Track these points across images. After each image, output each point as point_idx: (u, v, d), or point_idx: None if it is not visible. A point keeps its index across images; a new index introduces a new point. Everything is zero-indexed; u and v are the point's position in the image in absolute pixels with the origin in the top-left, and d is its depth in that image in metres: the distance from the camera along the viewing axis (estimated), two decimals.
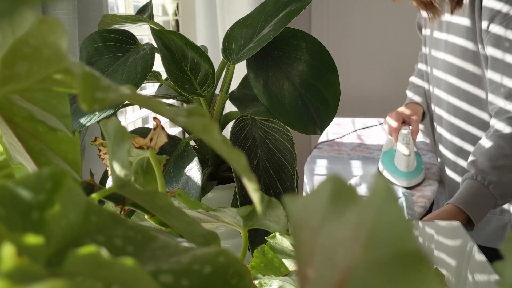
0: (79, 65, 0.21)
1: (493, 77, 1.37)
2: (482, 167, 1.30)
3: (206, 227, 0.32)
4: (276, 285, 0.45)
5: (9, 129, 0.32)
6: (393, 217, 0.15)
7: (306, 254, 0.17)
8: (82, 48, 0.77)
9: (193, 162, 0.73)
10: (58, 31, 0.23)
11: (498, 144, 1.31)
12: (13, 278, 0.14)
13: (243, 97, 0.83)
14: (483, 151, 1.33)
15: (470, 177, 1.31)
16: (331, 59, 0.77)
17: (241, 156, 0.23)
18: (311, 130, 0.75)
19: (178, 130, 1.75)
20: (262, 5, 0.78)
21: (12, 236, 0.16)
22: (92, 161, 0.98)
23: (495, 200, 1.28)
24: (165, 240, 0.22)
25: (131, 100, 0.22)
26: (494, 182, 1.27)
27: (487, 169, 1.29)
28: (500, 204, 1.30)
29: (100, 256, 0.16)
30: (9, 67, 0.23)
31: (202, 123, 0.23)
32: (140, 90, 1.03)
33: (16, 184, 0.19)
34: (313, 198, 0.18)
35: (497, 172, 1.28)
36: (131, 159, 0.45)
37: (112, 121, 0.32)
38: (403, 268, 0.14)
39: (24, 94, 0.31)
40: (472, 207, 1.27)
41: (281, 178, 0.77)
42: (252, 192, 0.23)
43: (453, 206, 1.28)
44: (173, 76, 0.76)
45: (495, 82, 1.37)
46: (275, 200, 0.49)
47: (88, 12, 0.98)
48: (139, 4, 1.72)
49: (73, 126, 0.55)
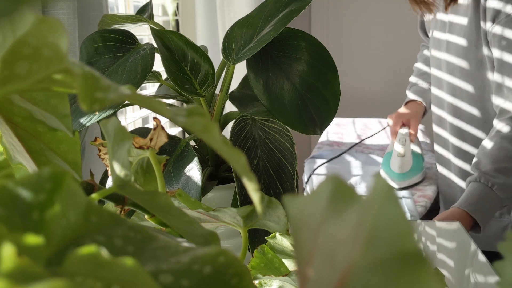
0: (79, 65, 0.21)
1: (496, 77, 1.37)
2: (485, 170, 1.29)
3: (206, 227, 0.32)
4: (276, 285, 0.45)
5: (9, 129, 0.32)
6: (393, 217, 0.15)
7: (306, 254, 0.17)
8: (82, 48, 0.77)
9: (193, 162, 0.73)
10: (58, 31, 0.23)
11: (502, 145, 1.31)
12: (13, 278, 0.14)
13: (243, 97, 0.83)
14: (486, 152, 1.33)
15: (474, 179, 1.31)
16: (331, 59, 0.77)
17: (241, 156, 0.23)
18: (311, 130, 0.75)
19: (178, 130, 1.75)
20: (262, 5, 0.78)
21: (12, 236, 0.16)
22: (92, 161, 0.98)
23: (501, 201, 1.28)
24: (165, 240, 0.22)
25: (131, 100, 0.22)
26: (498, 184, 1.27)
27: (490, 172, 1.28)
28: (506, 205, 1.30)
29: (100, 256, 0.16)
30: (9, 67, 0.23)
31: (202, 123, 0.23)
32: (140, 90, 1.03)
33: (16, 184, 0.19)
34: (313, 198, 0.18)
35: (501, 174, 1.28)
36: (131, 159, 0.45)
37: (112, 121, 0.32)
38: (403, 268, 0.14)
39: (24, 94, 0.31)
40: (477, 210, 1.26)
41: (281, 178, 0.77)
42: (252, 192, 0.23)
43: (459, 210, 1.27)
44: (173, 76, 0.75)
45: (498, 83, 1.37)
46: (275, 200, 0.49)
47: (88, 12, 0.98)
48: (139, 4, 1.72)
49: (73, 126, 0.55)
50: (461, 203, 1.29)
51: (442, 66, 1.56)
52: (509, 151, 1.30)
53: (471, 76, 1.46)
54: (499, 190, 1.27)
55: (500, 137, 1.32)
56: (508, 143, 1.31)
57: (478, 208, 1.26)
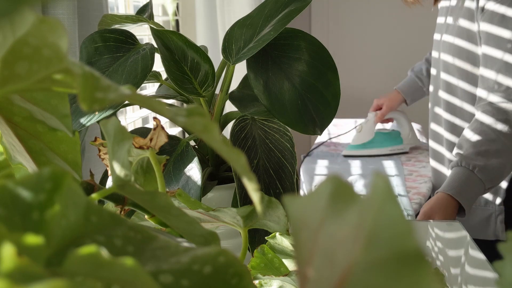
0: (79, 65, 0.21)
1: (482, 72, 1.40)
2: (466, 153, 1.32)
3: (206, 227, 0.32)
4: (276, 285, 0.45)
5: (9, 129, 0.32)
6: (393, 217, 0.15)
7: (306, 254, 0.17)
8: (82, 48, 0.77)
9: (193, 162, 0.73)
10: (58, 31, 0.23)
11: (481, 129, 1.34)
12: (13, 278, 0.14)
13: (243, 97, 0.83)
14: (467, 138, 1.36)
15: (455, 164, 1.33)
16: (331, 59, 0.77)
17: (241, 156, 0.23)
18: (311, 130, 0.75)
19: (178, 130, 1.75)
20: (262, 5, 0.78)
21: (12, 236, 0.16)
22: (92, 161, 0.98)
23: (483, 185, 1.30)
24: (165, 240, 0.22)
25: (131, 100, 0.22)
26: (479, 166, 1.29)
27: (471, 155, 1.31)
28: (489, 187, 1.32)
29: (100, 256, 0.16)
30: (9, 67, 0.23)
31: (202, 123, 0.23)
32: (140, 90, 1.03)
33: (16, 184, 0.19)
34: (313, 198, 0.18)
35: (481, 157, 1.30)
36: (131, 159, 0.45)
37: (112, 121, 0.32)
38: (402, 268, 0.14)
39: (24, 94, 0.31)
40: (461, 193, 1.28)
41: (281, 178, 0.77)
42: (252, 192, 0.23)
43: (443, 194, 1.30)
44: (173, 76, 0.75)
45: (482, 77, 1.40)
46: (275, 200, 0.49)
47: (88, 12, 0.98)
48: (139, 4, 1.72)
49: (73, 126, 0.55)
50: (445, 187, 1.31)
51: (441, 66, 1.57)
52: (488, 134, 1.32)
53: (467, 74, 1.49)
54: (480, 173, 1.29)
55: (480, 123, 1.35)
56: (487, 127, 1.33)
57: (461, 191, 1.28)
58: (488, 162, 1.29)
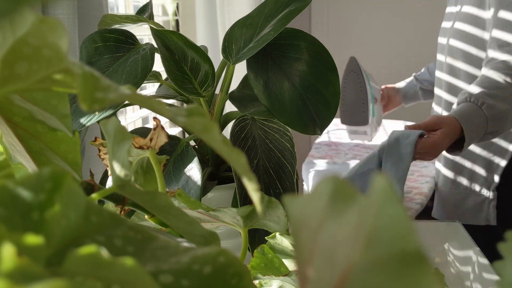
0: (79, 65, 0.21)
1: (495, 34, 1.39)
2: (475, 92, 1.30)
3: (206, 227, 0.32)
4: (276, 285, 0.45)
5: (9, 129, 0.32)
6: (393, 217, 0.15)
7: (306, 254, 0.17)
8: (82, 48, 0.77)
9: (193, 162, 0.73)
10: (58, 31, 0.23)
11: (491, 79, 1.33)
12: (13, 278, 0.14)
13: (243, 97, 0.83)
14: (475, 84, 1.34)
15: (463, 100, 1.31)
16: (331, 59, 0.77)
17: (241, 156, 0.23)
18: (311, 130, 0.75)
19: (178, 130, 1.75)
20: (262, 5, 0.78)
21: (12, 236, 0.16)
22: (92, 161, 0.98)
23: (486, 125, 1.28)
24: (165, 240, 0.22)
25: (131, 100, 0.22)
26: (487, 103, 1.28)
27: (480, 94, 1.30)
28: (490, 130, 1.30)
29: (100, 256, 0.16)
30: (9, 67, 0.23)
31: (202, 123, 0.23)
32: (140, 90, 1.03)
33: (16, 184, 0.19)
34: (313, 198, 0.18)
35: (490, 98, 1.29)
36: (131, 159, 0.45)
37: (112, 121, 0.32)
38: (403, 268, 0.14)
39: (24, 94, 0.31)
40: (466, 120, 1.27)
41: (281, 178, 0.77)
42: (252, 192, 0.23)
43: (449, 116, 1.29)
44: (173, 76, 0.75)
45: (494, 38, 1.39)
46: (275, 200, 0.49)
47: (88, 12, 0.98)
48: (139, 4, 1.72)
49: (73, 126, 0.55)
50: (451, 113, 1.30)
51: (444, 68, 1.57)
52: (498, 83, 1.31)
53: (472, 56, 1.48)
54: (487, 109, 1.27)
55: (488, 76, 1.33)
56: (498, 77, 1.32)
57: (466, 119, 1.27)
58: (496, 104, 1.28)
